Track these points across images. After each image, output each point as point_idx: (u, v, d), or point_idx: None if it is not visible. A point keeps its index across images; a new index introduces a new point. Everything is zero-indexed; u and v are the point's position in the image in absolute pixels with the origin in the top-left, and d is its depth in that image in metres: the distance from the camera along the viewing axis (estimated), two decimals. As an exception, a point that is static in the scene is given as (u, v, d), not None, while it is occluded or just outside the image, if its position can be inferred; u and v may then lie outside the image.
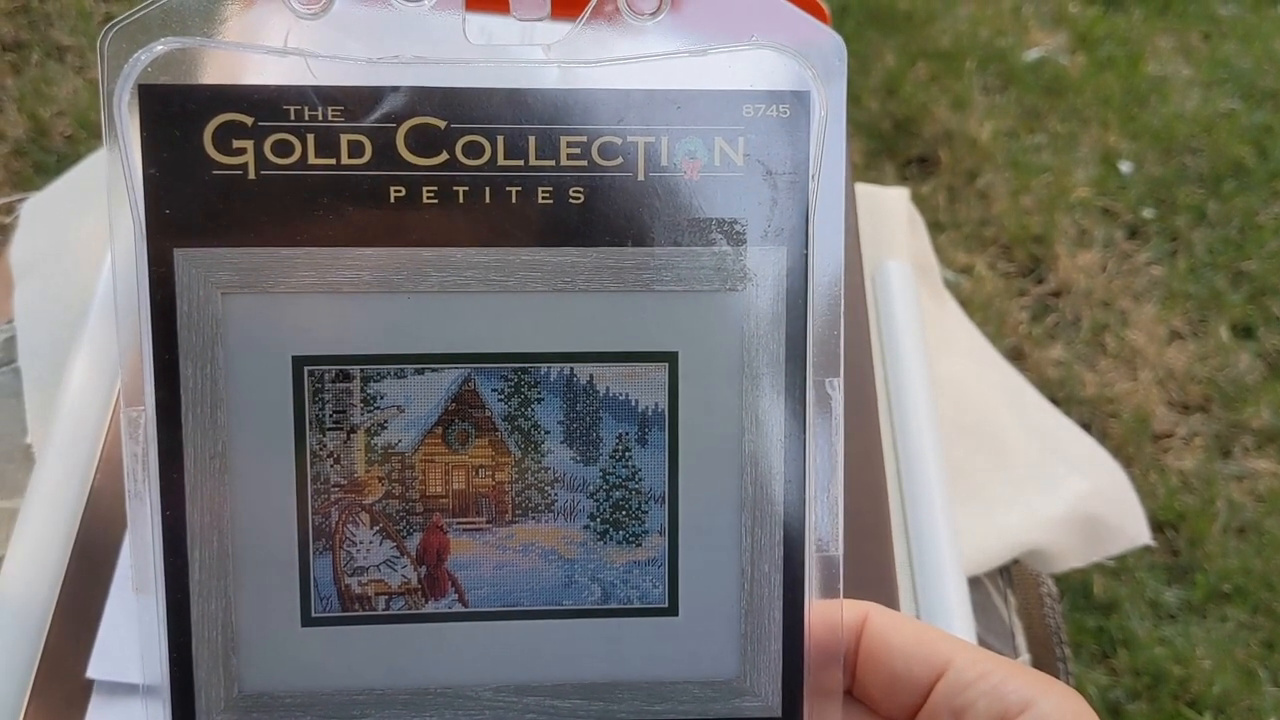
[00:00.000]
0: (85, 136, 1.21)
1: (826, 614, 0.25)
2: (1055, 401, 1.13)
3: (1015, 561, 0.46)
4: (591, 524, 0.25)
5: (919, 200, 1.29)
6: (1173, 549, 1.05)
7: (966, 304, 1.19)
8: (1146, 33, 1.53)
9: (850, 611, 0.25)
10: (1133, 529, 0.48)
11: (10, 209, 0.51)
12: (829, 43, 0.24)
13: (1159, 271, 1.26)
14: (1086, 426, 1.12)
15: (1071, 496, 0.45)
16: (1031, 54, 1.48)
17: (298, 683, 0.24)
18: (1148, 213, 1.32)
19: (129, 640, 0.34)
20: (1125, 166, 1.36)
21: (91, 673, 0.33)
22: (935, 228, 1.27)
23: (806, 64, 0.24)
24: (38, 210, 0.49)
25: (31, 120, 1.22)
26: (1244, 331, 1.22)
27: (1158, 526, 1.06)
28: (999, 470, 0.45)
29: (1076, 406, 1.14)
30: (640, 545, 0.25)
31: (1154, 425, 1.13)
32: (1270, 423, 1.14)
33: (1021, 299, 1.23)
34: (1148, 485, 1.08)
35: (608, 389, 0.25)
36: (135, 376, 0.23)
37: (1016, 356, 1.17)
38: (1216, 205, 1.32)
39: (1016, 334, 1.19)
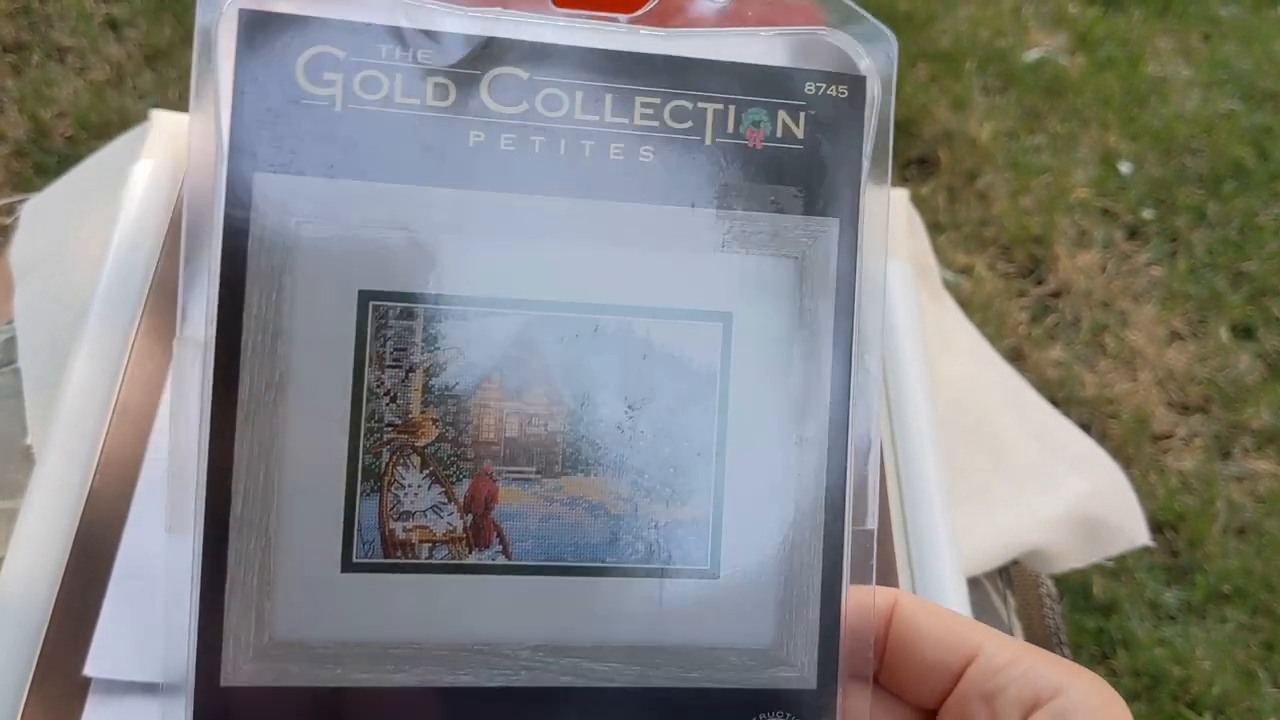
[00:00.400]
0: (86, 138, 1.21)
1: (859, 597, 0.25)
2: (1055, 402, 1.13)
3: (1015, 562, 0.46)
4: (639, 480, 0.25)
5: (919, 201, 1.29)
6: (1172, 550, 1.05)
7: (966, 305, 1.19)
8: (1146, 33, 1.53)
9: (880, 597, 0.25)
10: (1132, 529, 0.48)
11: (10, 210, 0.51)
12: (882, 38, 0.25)
13: (1159, 272, 1.26)
14: (1086, 427, 1.12)
15: (1071, 497, 0.45)
16: (1031, 55, 1.48)
17: (331, 632, 0.24)
18: (1147, 213, 1.32)
19: (126, 638, 0.34)
20: (1125, 167, 1.36)
21: (89, 670, 0.33)
22: (935, 228, 1.27)
23: (864, 52, 0.25)
24: (38, 211, 0.49)
25: (32, 121, 1.22)
26: (1244, 332, 1.22)
27: (1157, 527, 1.06)
28: (998, 471, 0.45)
29: (1076, 407, 1.14)
30: (685, 505, 0.25)
31: (1154, 426, 1.13)
32: (1270, 423, 1.13)
33: (1021, 299, 1.23)
34: (1147, 486, 1.08)
35: (663, 346, 0.25)
36: (196, 301, 0.23)
37: (1016, 357, 1.17)
38: (1216, 206, 1.32)
39: (1016, 334, 1.19)
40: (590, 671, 0.25)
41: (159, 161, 0.46)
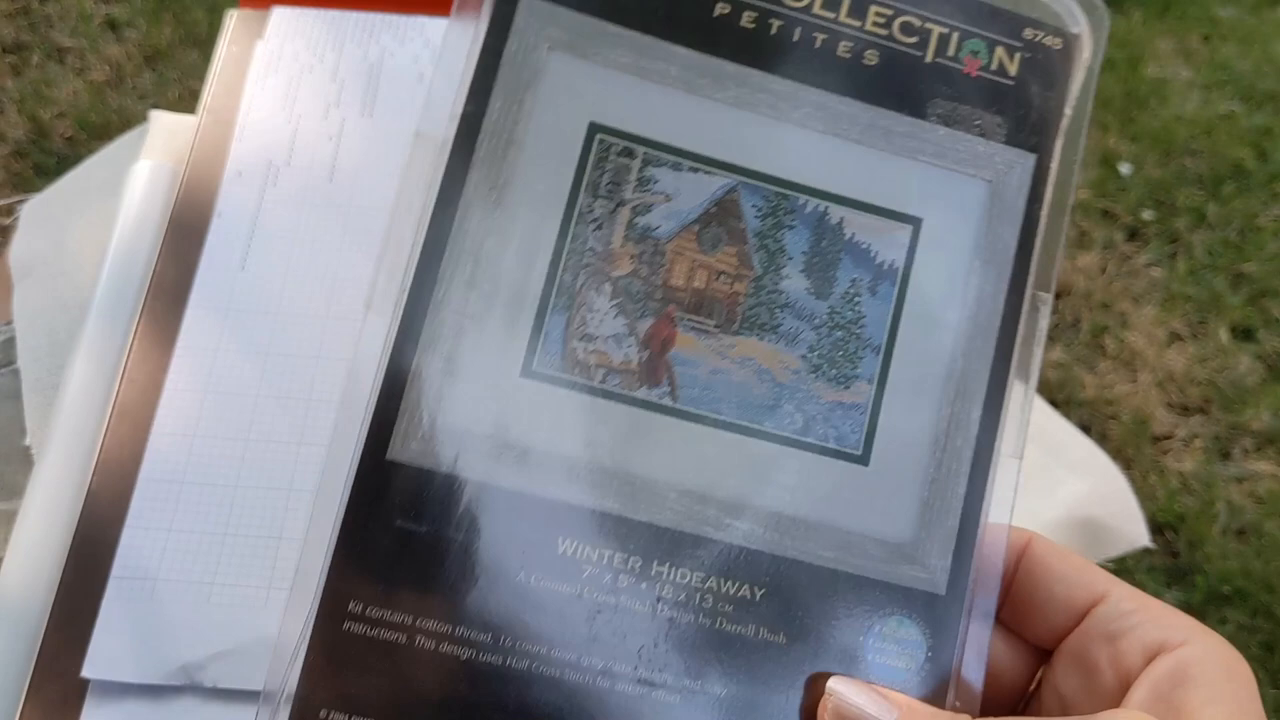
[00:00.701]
0: (86, 138, 1.21)
1: (995, 532, 0.26)
2: (1055, 403, 1.13)
3: (1013, 563, 0.46)
4: (808, 355, 0.26)
5: (919, 202, 1.28)
6: (1172, 551, 1.05)
7: (966, 306, 1.19)
8: (1146, 35, 1.53)
9: (1015, 534, 0.26)
10: (1132, 532, 0.48)
11: (10, 210, 0.51)
12: (1101, 9, 0.27)
13: (1159, 273, 1.26)
14: (1086, 428, 1.12)
15: (1070, 500, 0.45)
16: (1031, 56, 1.47)
17: (498, 430, 0.25)
18: (1147, 215, 1.32)
19: (125, 640, 0.34)
20: (1125, 168, 1.36)
21: (87, 672, 0.33)
22: (935, 230, 1.26)
23: (1084, 15, 0.27)
24: (37, 212, 0.49)
25: (32, 122, 1.22)
26: (1244, 333, 1.22)
27: (1157, 528, 1.06)
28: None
29: (1076, 408, 1.13)
30: (848, 388, 0.26)
31: (1153, 427, 1.13)
32: (1270, 425, 1.13)
33: (1021, 301, 1.23)
34: (1147, 487, 1.08)
35: (853, 235, 0.26)
36: (438, 104, 0.25)
37: (1016, 358, 1.17)
38: (1216, 207, 1.32)
39: (1016, 336, 1.19)
40: (730, 528, 0.25)
41: (158, 162, 0.46)
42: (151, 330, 0.40)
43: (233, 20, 0.50)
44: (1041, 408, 0.50)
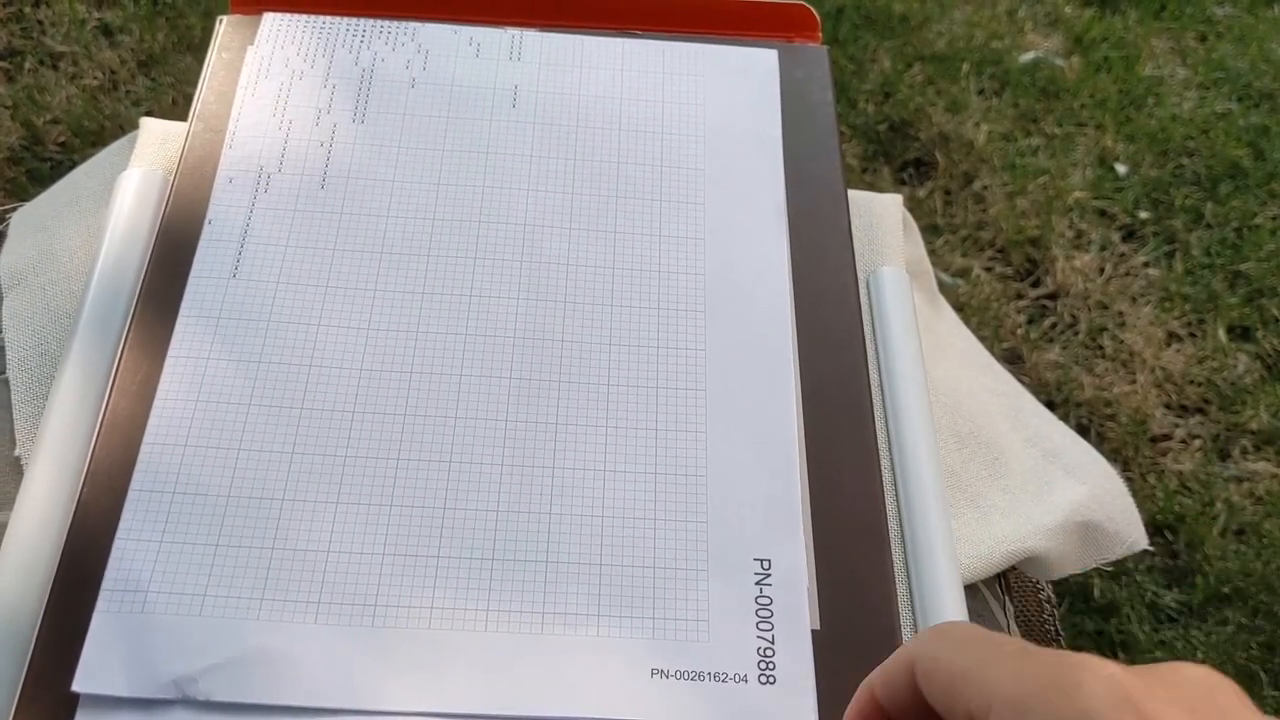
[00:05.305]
0: (80, 144, 1.21)
1: None
2: (1052, 404, 1.13)
3: (1013, 569, 0.45)
4: None
5: (916, 203, 1.28)
6: (1172, 551, 1.05)
7: (964, 307, 1.18)
8: (1142, 34, 1.52)
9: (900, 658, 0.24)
10: (1130, 535, 0.47)
11: (0, 219, 0.51)
12: None
13: (1156, 273, 1.26)
14: (1084, 429, 1.11)
15: (1068, 504, 0.44)
16: (1027, 56, 1.47)
17: None
18: (1144, 214, 1.31)
19: (115, 653, 0.34)
20: (1121, 168, 1.35)
21: (77, 686, 0.33)
22: (932, 230, 1.26)
23: None
24: (26, 220, 0.49)
25: (25, 128, 1.21)
26: (1241, 333, 1.22)
27: (1156, 529, 1.05)
28: (996, 478, 0.45)
29: (1074, 409, 1.13)
30: None
31: (1152, 427, 1.13)
32: (1268, 424, 1.13)
33: (1019, 302, 1.23)
34: (1146, 488, 1.08)
35: None
36: None
37: (1014, 359, 1.17)
38: (1213, 207, 1.32)
39: (1014, 337, 1.18)
40: None
41: (148, 169, 0.46)
42: (142, 339, 0.40)
43: (223, 26, 0.49)
44: (1039, 411, 0.50)
